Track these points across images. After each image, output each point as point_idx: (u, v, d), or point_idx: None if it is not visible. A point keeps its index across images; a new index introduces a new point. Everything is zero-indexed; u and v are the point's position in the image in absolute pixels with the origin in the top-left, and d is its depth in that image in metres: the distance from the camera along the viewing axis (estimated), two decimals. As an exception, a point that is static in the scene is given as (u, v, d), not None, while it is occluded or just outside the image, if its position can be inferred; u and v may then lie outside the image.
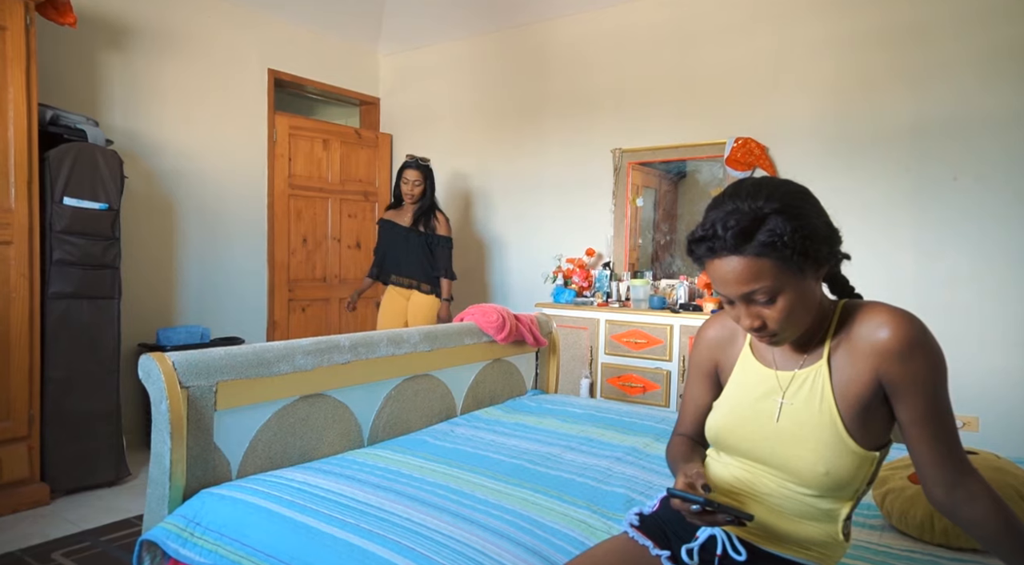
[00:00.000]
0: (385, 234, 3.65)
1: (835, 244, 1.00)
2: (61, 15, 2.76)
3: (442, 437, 2.03)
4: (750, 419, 1.07)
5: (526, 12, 4.16)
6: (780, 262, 0.93)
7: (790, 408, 1.03)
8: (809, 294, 0.98)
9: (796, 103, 3.36)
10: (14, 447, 2.56)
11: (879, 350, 0.96)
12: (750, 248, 0.93)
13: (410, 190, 3.53)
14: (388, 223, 3.65)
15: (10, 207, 2.55)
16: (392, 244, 3.59)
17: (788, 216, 0.93)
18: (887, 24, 3.11)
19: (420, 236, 3.55)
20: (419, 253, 3.54)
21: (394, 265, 3.61)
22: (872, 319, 0.98)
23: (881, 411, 0.99)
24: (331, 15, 4.36)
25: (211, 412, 1.57)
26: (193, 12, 3.74)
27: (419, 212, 3.57)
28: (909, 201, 3.08)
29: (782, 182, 1.00)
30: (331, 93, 4.69)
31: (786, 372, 1.06)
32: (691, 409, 1.24)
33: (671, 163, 3.81)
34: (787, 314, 0.96)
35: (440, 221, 3.58)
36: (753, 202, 0.94)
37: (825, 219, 0.99)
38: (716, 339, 1.19)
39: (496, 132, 4.42)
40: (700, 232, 0.97)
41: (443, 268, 3.55)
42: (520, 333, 2.53)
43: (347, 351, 1.91)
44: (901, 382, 0.95)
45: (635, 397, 3.40)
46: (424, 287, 3.56)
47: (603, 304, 3.64)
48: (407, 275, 3.58)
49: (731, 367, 1.15)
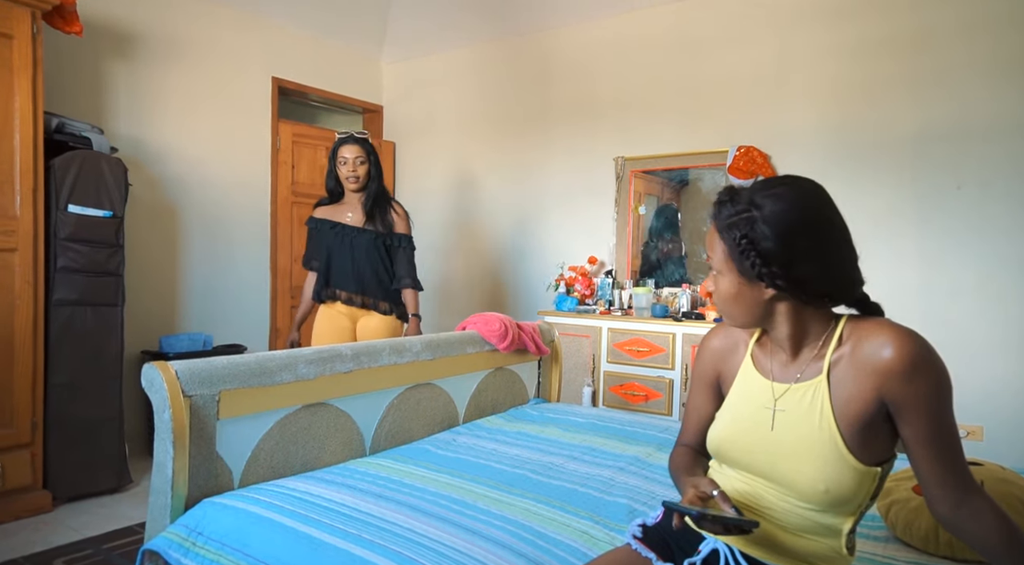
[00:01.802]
0: (324, 238, 2.80)
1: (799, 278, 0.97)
2: (68, 24, 2.78)
3: (444, 446, 2.03)
4: (749, 430, 1.06)
5: (528, 21, 4.18)
6: (730, 251, 1.01)
7: (783, 416, 1.03)
8: (745, 295, 1.02)
9: (798, 111, 3.36)
10: (17, 454, 2.56)
11: (882, 369, 0.95)
12: (719, 223, 1.03)
13: (352, 170, 2.73)
14: (327, 223, 2.80)
15: (15, 214, 2.56)
16: (337, 251, 2.78)
17: (765, 223, 0.96)
18: (890, 32, 3.11)
19: (375, 237, 2.76)
20: (374, 260, 2.76)
21: (341, 278, 2.78)
22: (875, 337, 0.97)
23: (884, 428, 0.99)
24: (335, 23, 4.38)
25: (213, 421, 1.57)
26: (198, 20, 3.77)
27: (370, 203, 2.78)
28: (912, 209, 3.08)
29: (804, 197, 0.99)
30: (334, 101, 4.71)
31: (782, 384, 1.06)
32: (694, 419, 1.23)
33: (673, 171, 3.81)
34: (720, 297, 1.06)
35: (399, 215, 2.83)
36: (761, 199, 0.99)
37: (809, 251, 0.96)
38: (719, 349, 1.19)
39: (499, 140, 4.43)
40: (720, 196, 1.07)
41: (408, 276, 2.81)
42: (522, 341, 2.53)
43: (349, 360, 1.91)
44: (904, 402, 0.95)
45: (637, 406, 3.39)
46: (383, 306, 2.79)
47: (605, 312, 3.64)
48: (360, 291, 2.76)
49: (733, 377, 1.15)
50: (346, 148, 2.76)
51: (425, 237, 4.80)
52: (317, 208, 2.87)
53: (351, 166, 2.74)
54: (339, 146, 2.77)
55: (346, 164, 2.74)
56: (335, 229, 2.79)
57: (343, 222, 2.79)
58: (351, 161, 2.74)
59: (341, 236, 2.78)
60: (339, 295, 2.79)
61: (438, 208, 4.73)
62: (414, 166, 4.87)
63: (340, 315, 2.81)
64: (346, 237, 2.77)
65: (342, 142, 2.78)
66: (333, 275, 2.80)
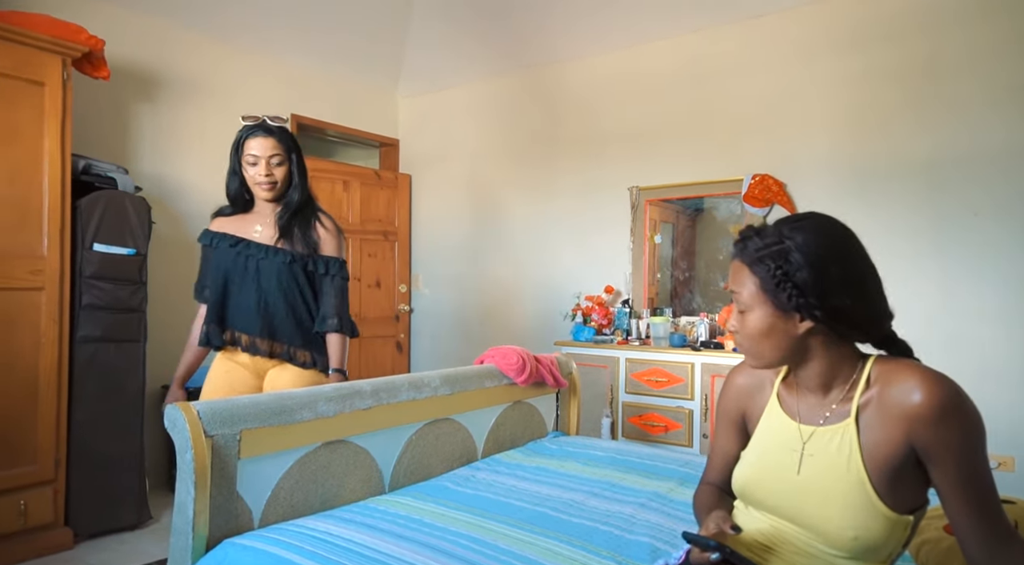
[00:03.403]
0: (222, 259, 2.05)
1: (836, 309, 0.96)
2: (96, 69, 2.87)
3: (463, 483, 2.01)
4: (774, 472, 1.05)
5: (541, 55, 4.25)
6: (762, 285, 0.99)
7: (811, 460, 1.01)
8: (780, 331, 1.00)
9: (813, 139, 3.37)
10: (39, 491, 2.58)
11: (911, 415, 0.94)
12: (748, 258, 1.02)
13: (265, 172, 2.01)
14: (226, 239, 2.06)
15: (43, 254, 2.62)
16: (236, 277, 2.04)
17: (799, 255, 0.96)
18: (901, 59, 3.12)
19: (291, 260, 2.02)
20: (290, 291, 2.03)
21: (240, 316, 2.03)
22: (904, 381, 0.96)
23: (914, 474, 0.97)
24: (352, 60, 4.49)
25: (235, 461, 1.57)
26: (219, 61, 3.88)
27: (287, 215, 2.06)
28: (930, 235, 3.06)
29: (830, 227, 1.01)
30: (352, 135, 4.80)
31: (808, 426, 1.04)
32: (719, 458, 1.22)
33: (689, 200, 3.82)
34: (748, 333, 1.02)
35: (328, 230, 2.10)
36: (790, 232, 1.00)
37: (844, 279, 0.96)
38: (744, 387, 1.18)
39: (513, 171, 4.48)
40: (743, 233, 1.06)
41: (336, 316, 2.07)
42: (540, 374, 2.52)
43: (368, 396, 1.91)
44: (935, 448, 0.93)
45: (657, 436, 3.35)
46: (301, 356, 2.06)
47: (623, 342, 3.62)
48: (268, 334, 2.03)
49: (758, 416, 1.14)
50: (256, 142, 2.01)
51: (441, 269, 4.83)
52: (215, 219, 2.13)
53: (264, 167, 2.01)
54: (246, 138, 2.03)
55: (256, 163, 2.01)
56: (236, 247, 2.03)
57: (248, 238, 2.05)
58: (264, 160, 2.01)
59: (244, 257, 2.02)
60: (238, 339, 2.04)
61: (454, 240, 4.76)
62: (430, 198, 4.92)
63: (240, 368, 2.08)
64: (250, 259, 2.01)
65: (250, 133, 2.03)
66: (231, 311, 2.04)
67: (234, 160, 2.07)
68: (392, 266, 4.85)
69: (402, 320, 4.89)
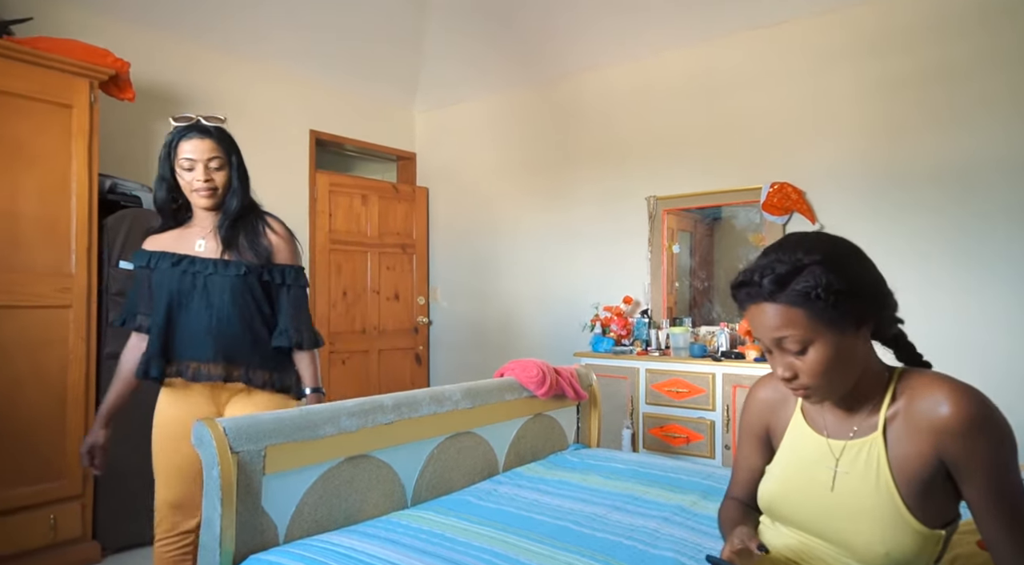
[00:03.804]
0: (164, 281, 1.82)
1: (880, 304, 0.98)
2: (122, 91, 2.94)
3: (485, 497, 2.01)
4: (804, 487, 1.04)
5: (556, 67, 4.27)
6: (813, 313, 0.93)
7: (845, 477, 1.00)
8: (847, 350, 0.96)
9: (832, 147, 3.34)
10: (68, 506, 2.63)
11: (939, 428, 0.93)
12: (784, 296, 0.95)
13: (203, 176, 1.79)
14: (167, 258, 1.83)
15: (71, 273, 2.68)
16: (183, 299, 1.81)
17: (827, 268, 0.93)
18: (920, 66, 3.10)
19: (245, 272, 1.82)
20: (245, 306, 1.82)
21: (190, 341, 1.80)
22: (932, 393, 0.95)
23: (945, 488, 0.96)
24: (369, 76, 4.55)
25: (260, 476, 1.59)
26: (240, 80, 3.95)
27: (228, 223, 1.84)
28: (949, 242, 3.01)
29: (830, 237, 1.01)
30: (369, 149, 4.85)
31: (838, 440, 1.03)
32: (743, 473, 1.21)
33: (706, 209, 3.80)
34: (819, 367, 0.95)
35: (281, 235, 1.91)
36: (794, 253, 0.96)
37: (872, 277, 0.98)
38: (767, 401, 1.17)
39: (530, 183, 4.49)
40: (741, 277, 1.00)
41: (297, 328, 1.88)
42: (560, 387, 2.52)
43: (390, 411, 1.92)
44: (964, 462, 0.92)
45: (679, 448, 3.32)
46: (261, 376, 1.85)
47: (642, 353, 3.60)
48: (224, 357, 1.80)
49: (783, 431, 1.13)
50: (191, 144, 1.78)
51: (459, 280, 4.86)
52: (150, 238, 1.90)
53: (202, 171, 1.79)
54: (179, 141, 1.80)
55: (193, 168, 1.79)
56: (179, 266, 1.81)
57: (192, 254, 1.83)
58: (201, 164, 1.79)
59: (190, 275, 1.81)
60: (186, 370, 1.81)
61: (471, 251, 4.78)
62: (447, 210, 4.95)
63: (194, 403, 1.86)
64: (197, 276, 1.81)
65: (184, 135, 1.80)
66: (178, 338, 1.80)
67: (164, 166, 1.83)
68: (410, 278, 4.88)
69: (420, 332, 4.91)
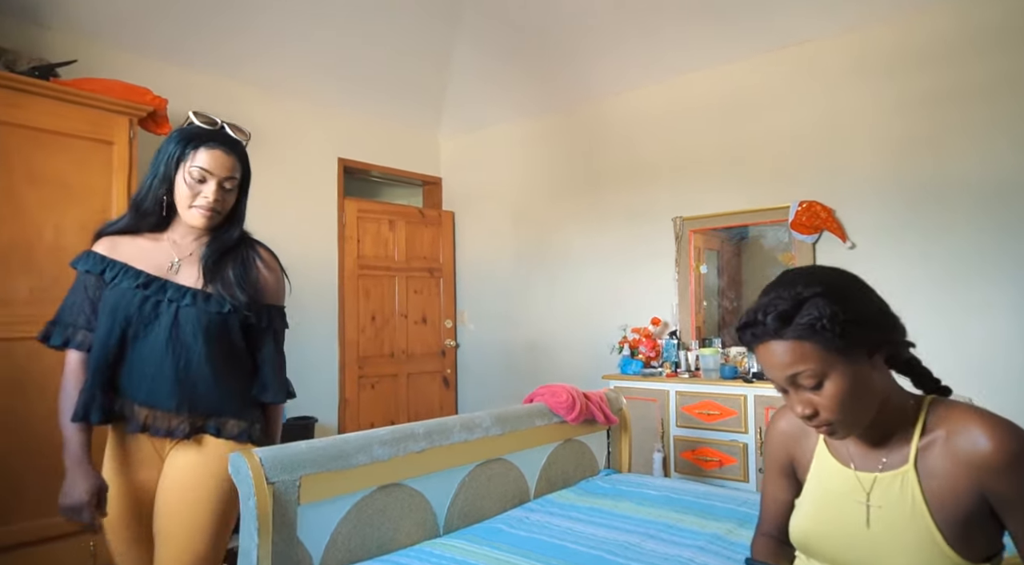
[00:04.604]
0: (122, 302, 1.46)
1: (888, 329, 0.98)
2: (159, 126, 3.04)
3: (517, 525, 2.00)
4: (836, 522, 1.02)
5: (579, 91, 4.30)
6: (822, 344, 0.93)
7: (880, 513, 0.98)
8: (863, 380, 0.94)
9: (860, 164, 3.31)
10: (107, 532, 2.67)
11: (980, 464, 0.91)
12: (790, 331, 0.94)
13: (215, 196, 1.50)
14: (132, 274, 1.48)
15: (110, 303, 2.75)
16: (144, 329, 1.46)
17: (829, 299, 0.93)
18: (948, 82, 3.06)
19: (232, 310, 1.53)
20: (220, 351, 1.52)
21: (147, 382, 1.46)
22: (969, 427, 0.93)
23: (988, 522, 0.93)
24: (396, 105, 4.63)
25: (295, 506, 1.61)
26: (270, 112, 4.06)
27: (217, 253, 1.56)
28: (984, 260, 2.95)
29: (828, 269, 1.03)
30: (395, 175, 4.93)
31: (867, 473, 1.01)
32: (771, 508, 1.19)
33: (733, 228, 3.78)
34: (838, 399, 0.93)
35: (272, 270, 1.69)
36: (794, 288, 0.96)
37: (876, 304, 0.99)
38: (788, 432, 1.16)
39: (556, 206, 4.52)
40: (745, 318, 1.00)
41: (285, 383, 1.73)
42: (590, 412, 2.51)
43: (422, 439, 1.93)
44: (1008, 498, 0.90)
45: (711, 471, 3.27)
46: (232, 428, 1.55)
47: (672, 374, 3.57)
48: (189, 408, 1.48)
49: (808, 462, 1.11)
50: (213, 155, 1.51)
51: (486, 303, 4.88)
52: (105, 239, 1.54)
53: (214, 190, 1.50)
54: (200, 146, 1.51)
55: (206, 182, 1.50)
56: (147, 287, 1.47)
57: (165, 277, 1.50)
58: (215, 181, 1.50)
59: (154, 302, 1.47)
60: (133, 416, 1.46)
61: (498, 274, 4.81)
62: (473, 234, 4.99)
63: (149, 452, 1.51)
64: (166, 305, 1.47)
65: (207, 142, 1.52)
66: (128, 373, 1.46)
67: (169, 165, 1.50)
68: (438, 302, 4.91)
69: (448, 355, 4.93)
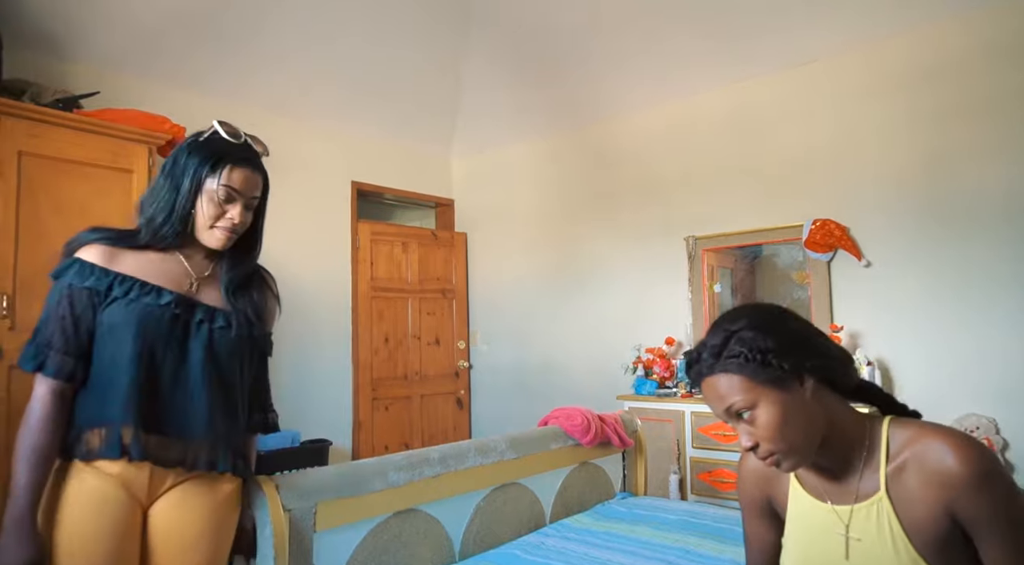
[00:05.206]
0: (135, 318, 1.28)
1: (812, 354, 0.98)
2: (176, 154, 3.10)
3: (533, 550, 1.98)
4: (820, 560, 1.01)
5: (592, 110, 4.34)
6: (749, 375, 0.95)
7: (859, 545, 0.97)
8: (795, 407, 0.95)
9: (874, 181, 3.29)
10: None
11: (948, 483, 0.89)
12: (720, 365, 0.98)
13: (239, 218, 1.37)
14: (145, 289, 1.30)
15: (129, 329, 2.79)
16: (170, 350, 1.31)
17: (752, 331, 0.97)
18: (960, 97, 3.05)
19: (247, 334, 1.44)
20: (240, 377, 1.43)
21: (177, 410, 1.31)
22: (932, 445, 0.92)
23: (965, 543, 0.91)
24: (407, 128, 4.69)
25: (310, 533, 1.61)
26: (285, 136, 4.12)
27: (241, 271, 1.48)
28: (1002, 274, 2.91)
29: (755, 305, 1.07)
30: (407, 198, 4.97)
31: (843, 506, 1.00)
32: (756, 550, 1.18)
33: (747, 247, 3.77)
34: (771, 428, 0.95)
35: (276, 294, 1.66)
36: (724, 326, 1.01)
37: (797, 331, 1.01)
38: (759, 471, 1.15)
39: (569, 226, 4.53)
40: (687, 358, 1.04)
41: (272, 409, 1.59)
42: (606, 434, 2.49)
43: (436, 463, 1.93)
44: (979, 518, 0.88)
45: (729, 494, 3.22)
46: (231, 457, 1.38)
47: (687, 395, 3.54)
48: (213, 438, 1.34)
49: (784, 500, 1.11)
50: (244, 175, 1.37)
51: (499, 324, 4.88)
52: (99, 247, 1.31)
53: (239, 211, 1.37)
54: (232, 165, 1.35)
55: (234, 202, 1.36)
56: (176, 306, 1.33)
57: (189, 294, 1.38)
58: (242, 202, 1.38)
59: (185, 324, 1.35)
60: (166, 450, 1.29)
61: (511, 295, 4.81)
62: (486, 255, 5.01)
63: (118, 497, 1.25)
64: (198, 326, 1.36)
65: (237, 160, 1.36)
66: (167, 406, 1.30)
67: (193, 179, 1.33)
68: (451, 323, 4.92)
69: (461, 376, 4.93)
